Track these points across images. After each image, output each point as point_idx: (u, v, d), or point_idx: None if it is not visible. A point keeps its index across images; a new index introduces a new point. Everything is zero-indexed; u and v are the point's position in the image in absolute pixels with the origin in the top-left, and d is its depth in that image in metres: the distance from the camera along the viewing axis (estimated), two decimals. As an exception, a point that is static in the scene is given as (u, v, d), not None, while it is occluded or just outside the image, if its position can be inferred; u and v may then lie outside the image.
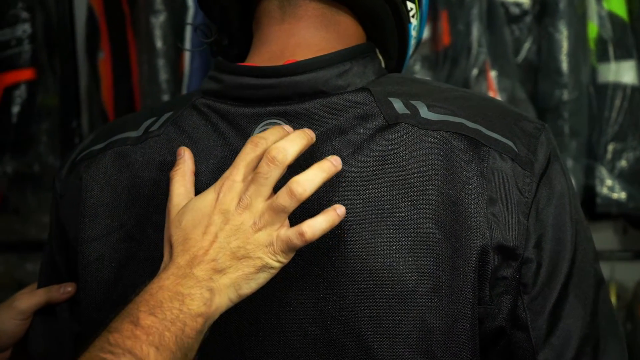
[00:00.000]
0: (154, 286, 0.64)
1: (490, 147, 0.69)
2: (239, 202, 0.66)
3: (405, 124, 0.70)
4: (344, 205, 0.67)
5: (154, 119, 0.79)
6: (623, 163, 1.65)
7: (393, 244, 0.66)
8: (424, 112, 0.71)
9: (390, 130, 0.70)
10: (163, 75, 1.71)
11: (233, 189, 0.66)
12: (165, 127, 0.77)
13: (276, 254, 0.65)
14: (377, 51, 0.84)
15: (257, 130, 0.73)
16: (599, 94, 1.66)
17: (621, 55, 1.65)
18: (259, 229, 0.65)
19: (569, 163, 1.62)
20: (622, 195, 1.64)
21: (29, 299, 0.84)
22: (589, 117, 1.66)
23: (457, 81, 1.58)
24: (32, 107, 1.90)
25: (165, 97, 1.70)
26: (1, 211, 2.00)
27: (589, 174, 1.66)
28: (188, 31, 1.68)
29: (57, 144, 1.98)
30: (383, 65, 0.86)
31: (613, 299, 1.90)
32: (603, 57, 1.66)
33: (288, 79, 0.72)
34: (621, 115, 1.64)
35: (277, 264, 0.65)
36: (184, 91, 1.70)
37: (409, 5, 0.82)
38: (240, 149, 0.72)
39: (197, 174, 0.73)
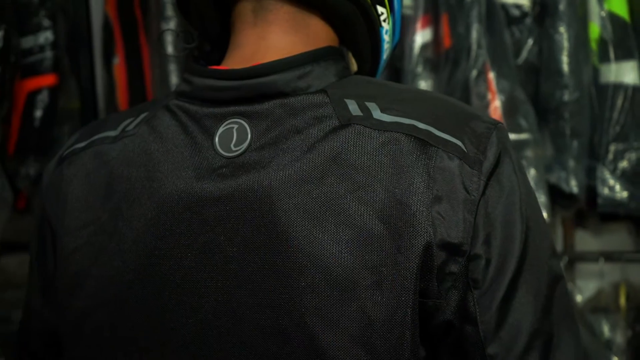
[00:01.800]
0: None
1: (438, 148, 0.70)
2: None
3: (358, 124, 0.72)
4: (296, 202, 0.70)
5: (131, 119, 0.83)
6: (625, 163, 1.63)
7: (340, 239, 0.69)
8: (377, 113, 0.73)
9: (342, 131, 0.72)
10: (174, 79, 1.75)
11: None
12: (140, 127, 0.81)
13: None
14: (349, 54, 0.86)
15: (220, 129, 0.76)
16: (600, 95, 1.65)
17: (622, 56, 1.63)
18: None
19: (571, 164, 1.61)
20: (624, 195, 1.63)
21: None
22: (591, 118, 1.65)
23: (458, 82, 1.59)
24: (54, 111, 1.96)
25: (176, 101, 1.75)
26: (24, 212, 2.06)
27: (591, 175, 1.65)
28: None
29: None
30: (355, 67, 0.88)
31: (622, 300, 1.88)
32: (604, 57, 1.65)
33: (251, 81, 0.75)
34: (623, 115, 1.62)
35: None
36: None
37: (380, 9, 0.84)
38: (205, 147, 0.75)
39: (162, 172, 0.76)
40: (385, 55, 0.91)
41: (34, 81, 1.95)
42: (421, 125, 0.72)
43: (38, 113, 1.93)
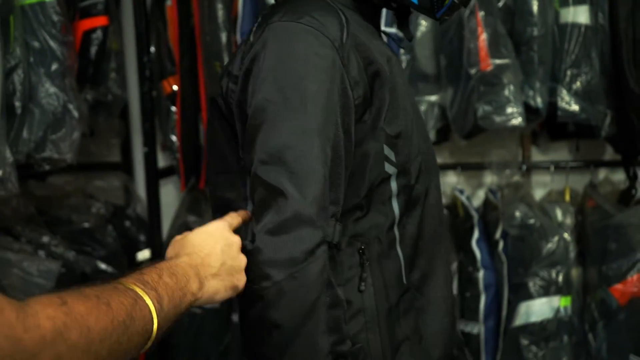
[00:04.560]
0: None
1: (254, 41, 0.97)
2: None
3: (266, 23, 0.96)
4: None
5: None
6: (578, 84, 1.91)
7: None
8: (275, 18, 0.95)
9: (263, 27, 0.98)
10: (220, 17, 1.93)
11: None
12: None
13: None
14: None
15: None
16: (561, 32, 1.90)
17: (578, 1, 1.89)
18: None
19: (537, 85, 1.88)
20: (576, 108, 1.91)
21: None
22: (553, 50, 1.91)
23: (454, 20, 1.84)
24: (104, 48, 2.11)
25: (223, 35, 1.93)
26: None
27: (552, 93, 1.93)
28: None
29: (121, 80, 2.20)
30: None
31: (567, 198, 2.19)
32: (564, 2, 1.90)
33: None
34: (577, 47, 1.89)
35: None
36: (238, 29, 1.93)
37: None
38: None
39: None
40: None
41: (89, 22, 2.07)
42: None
43: (93, 49, 2.05)
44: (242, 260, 0.90)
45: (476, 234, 2.03)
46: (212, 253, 0.88)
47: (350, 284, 0.96)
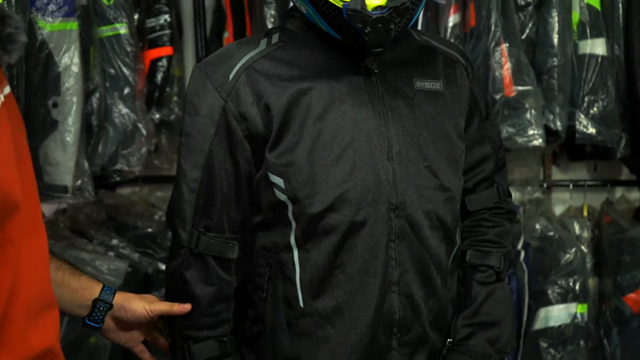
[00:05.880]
0: None
1: None
2: None
3: None
4: None
5: None
6: (595, 110, 1.94)
7: None
8: None
9: None
10: (272, 48, 2.03)
11: None
12: None
13: None
14: None
15: None
16: (579, 62, 1.95)
17: (595, 35, 1.93)
18: None
19: (557, 110, 1.93)
20: (593, 131, 1.95)
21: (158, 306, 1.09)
22: (572, 78, 1.96)
23: (480, 51, 1.91)
24: (169, 74, 2.24)
25: (273, 63, 2.03)
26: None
27: (571, 118, 1.97)
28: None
29: (183, 102, 2.32)
30: None
31: (585, 214, 2.23)
32: (582, 35, 1.95)
33: None
34: (594, 76, 1.93)
35: None
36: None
37: None
38: None
39: None
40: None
41: (156, 51, 2.22)
42: None
43: (159, 75, 2.20)
44: None
45: (500, 245, 2.08)
46: None
47: (259, 291, 1.04)
